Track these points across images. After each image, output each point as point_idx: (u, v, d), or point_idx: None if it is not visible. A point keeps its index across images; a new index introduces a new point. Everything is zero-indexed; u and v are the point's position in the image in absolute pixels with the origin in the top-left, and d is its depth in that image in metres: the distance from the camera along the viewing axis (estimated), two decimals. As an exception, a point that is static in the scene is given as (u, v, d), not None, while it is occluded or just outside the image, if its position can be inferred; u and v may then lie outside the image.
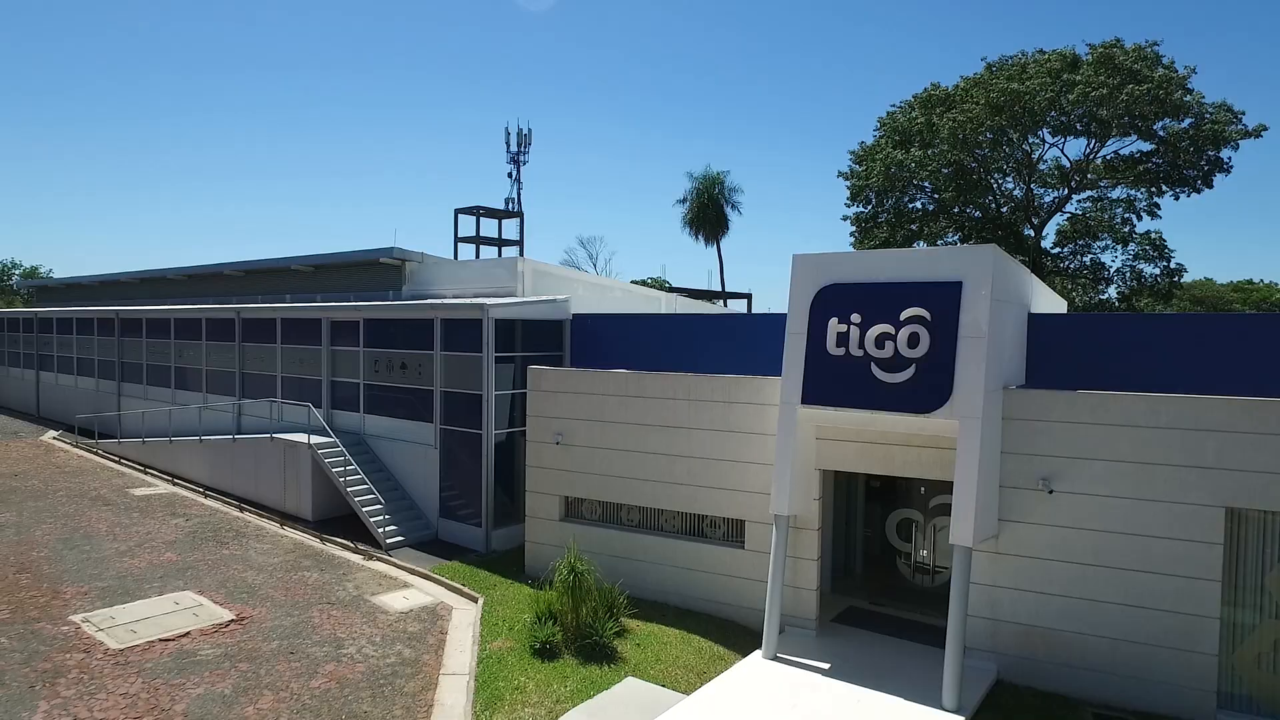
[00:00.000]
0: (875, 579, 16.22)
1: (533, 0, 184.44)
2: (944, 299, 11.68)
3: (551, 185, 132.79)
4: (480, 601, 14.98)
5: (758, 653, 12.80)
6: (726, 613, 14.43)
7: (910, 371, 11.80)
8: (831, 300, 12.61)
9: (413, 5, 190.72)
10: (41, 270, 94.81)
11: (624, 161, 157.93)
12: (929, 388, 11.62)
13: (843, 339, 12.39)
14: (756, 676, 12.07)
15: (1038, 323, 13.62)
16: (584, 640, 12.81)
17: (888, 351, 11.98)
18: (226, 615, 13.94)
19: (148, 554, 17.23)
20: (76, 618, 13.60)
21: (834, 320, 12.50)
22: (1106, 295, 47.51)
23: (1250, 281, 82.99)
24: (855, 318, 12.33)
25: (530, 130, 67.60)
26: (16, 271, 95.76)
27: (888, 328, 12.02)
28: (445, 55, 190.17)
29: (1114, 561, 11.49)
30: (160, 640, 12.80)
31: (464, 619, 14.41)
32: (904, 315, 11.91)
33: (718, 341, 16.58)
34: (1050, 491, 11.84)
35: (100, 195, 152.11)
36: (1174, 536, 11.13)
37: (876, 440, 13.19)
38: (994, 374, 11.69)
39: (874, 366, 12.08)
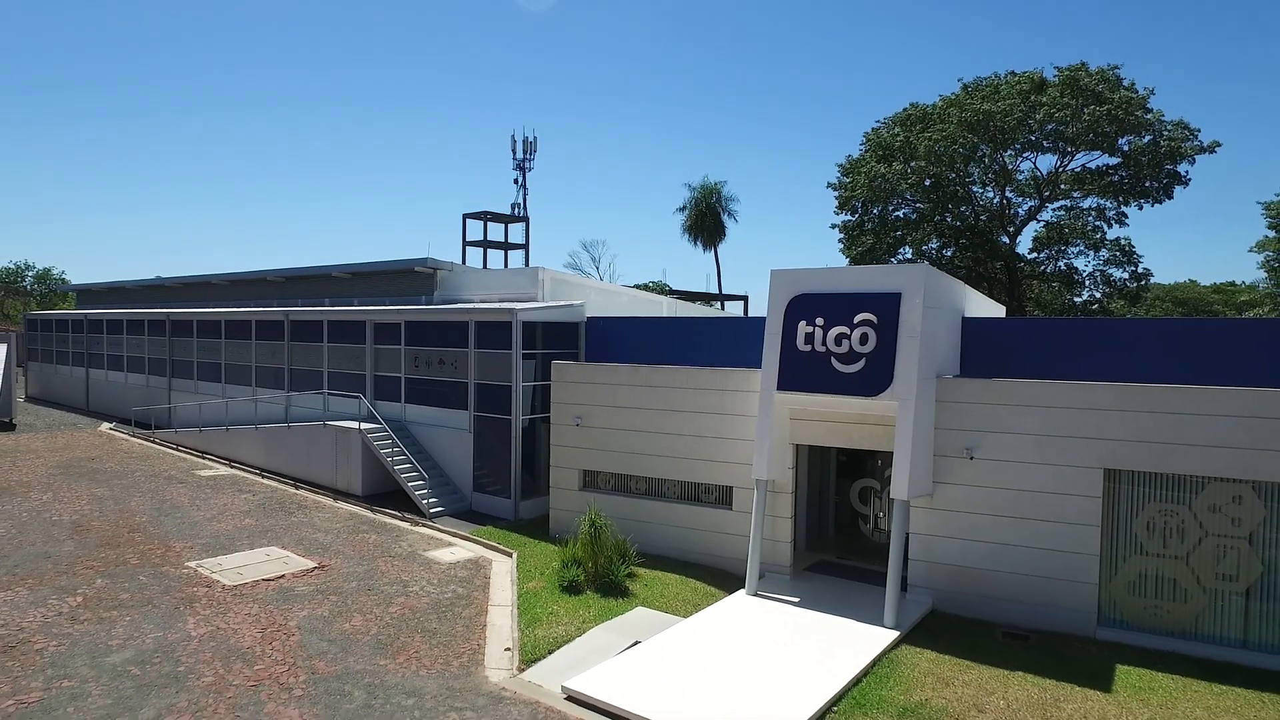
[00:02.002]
0: (843, 539, 19.36)
1: (533, 1, 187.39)
2: (887, 306, 14.81)
3: (553, 185, 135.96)
4: (514, 556, 18.10)
5: (742, 590, 15.93)
6: (718, 563, 17.55)
7: (861, 364, 14.94)
8: (801, 307, 15.73)
9: (410, 5, 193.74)
10: (54, 272, 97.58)
11: (624, 164, 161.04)
12: (875, 376, 14.76)
13: (809, 338, 15.52)
14: (740, 606, 15.20)
15: (970, 325, 16.72)
16: (602, 580, 15.96)
17: (844, 348, 15.11)
18: (310, 564, 17.08)
19: (230, 519, 20.38)
20: (192, 563, 16.76)
21: (803, 323, 15.62)
22: (1083, 298, 50.50)
23: (1233, 283, 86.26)
24: (819, 321, 15.46)
25: (536, 138, 70.84)
26: (30, 273, 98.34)
27: (844, 329, 15.14)
28: (442, 55, 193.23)
29: (1021, 513, 14.60)
30: (263, 580, 15.94)
31: (502, 568, 17.54)
32: (856, 319, 15.04)
33: (710, 340, 19.64)
34: (972, 458, 14.96)
35: (97, 195, 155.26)
36: (1065, 492, 14.25)
37: (838, 420, 16.31)
38: (927, 365, 14.82)
39: (833, 360, 15.21)
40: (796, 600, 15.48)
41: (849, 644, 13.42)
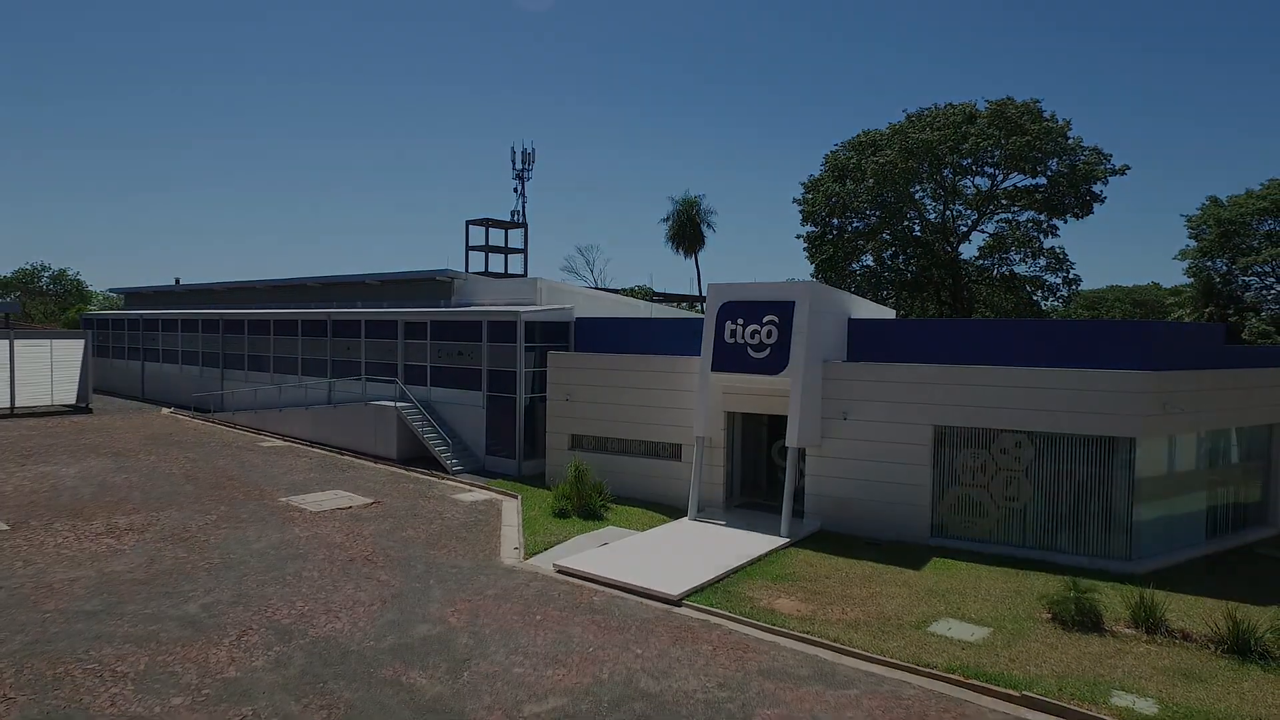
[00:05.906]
0: (771, 488, 25.36)
1: (533, 1, 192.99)
2: (785, 311, 20.81)
3: (550, 187, 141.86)
4: (519, 497, 24.08)
5: (685, 517, 21.96)
6: (671, 501, 23.54)
7: (767, 352, 20.94)
8: (728, 311, 21.73)
9: (404, 4, 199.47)
10: (69, 273, 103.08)
11: (621, 169, 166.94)
12: (776, 361, 20.77)
13: (733, 334, 21.52)
14: (682, 525, 21.23)
15: (854, 324, 22.71)
16: (584, 508, 21.96)
17: (756, 340, 21.11)
18: (369, 500, 23.08)
19: (300, 474, 26.37)
20: (283, 499, 22.76)
21: (729, 322, 21.62)
22: (1034, 300, 56.21)
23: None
24: (740, 321, 21.46)
25: (534, 150, 76.70)
26: (45, 274, 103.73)
27: (756, 327, 21.15)
28: (444, 56, 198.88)
29: (878, 458, 20.60)
30: (337, 509, 21.93)
31: (510, 505, 23.52)
32: (764, 320, 21.05)
33: (667, 335, 25.61)
34: (846, 419, 20.97)
35: (97, 195, 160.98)
36: (907, 442, 20.24)
37: (757, 393, 22.31)
38: (814, 353, 20.81)
39: (749, 349, 21.22)
40: (724, 523, 21.49)
41: (752, 546, 19.42)
